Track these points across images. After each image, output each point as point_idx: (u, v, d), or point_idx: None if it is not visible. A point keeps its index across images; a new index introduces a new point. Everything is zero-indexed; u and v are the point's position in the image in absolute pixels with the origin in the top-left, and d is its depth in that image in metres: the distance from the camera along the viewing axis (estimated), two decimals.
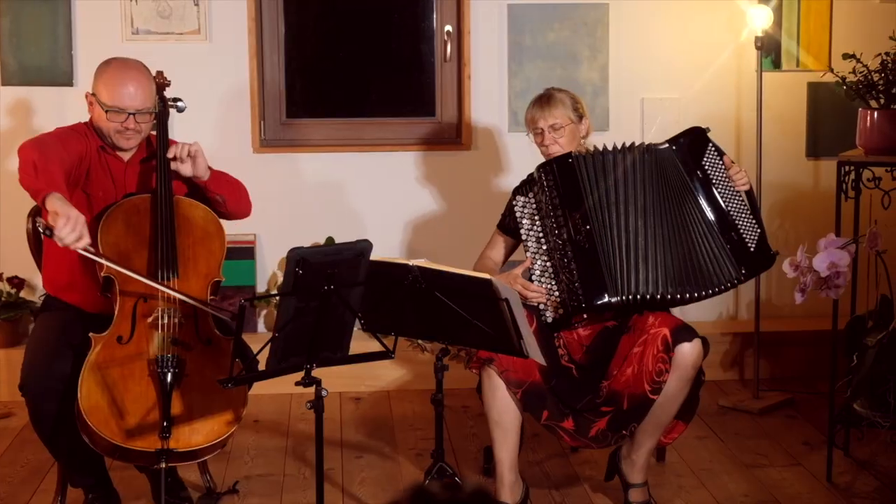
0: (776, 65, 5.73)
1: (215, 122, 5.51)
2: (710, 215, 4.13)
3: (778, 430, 5.00)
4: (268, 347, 3.44)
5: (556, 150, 4.22)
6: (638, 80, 5.76)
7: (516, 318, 3.47)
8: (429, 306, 3.60)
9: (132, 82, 3.96)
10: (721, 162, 4.17)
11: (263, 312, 5.73)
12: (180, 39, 5.51)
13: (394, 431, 5.06)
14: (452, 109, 5.78)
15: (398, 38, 5.89)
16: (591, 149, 4.23)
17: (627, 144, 4.17)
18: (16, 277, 5.48)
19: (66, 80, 5.48)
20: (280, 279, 5.70)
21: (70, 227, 3.51)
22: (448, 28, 5.71)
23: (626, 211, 4.11)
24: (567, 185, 4.11)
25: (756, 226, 4.15)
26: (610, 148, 4.17)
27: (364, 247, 3.41)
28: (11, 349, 5.46)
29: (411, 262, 3.58)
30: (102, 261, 3.76)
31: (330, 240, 5.61)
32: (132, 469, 4.30)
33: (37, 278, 5.51)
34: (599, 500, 4.31)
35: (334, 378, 4.34)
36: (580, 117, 4.29)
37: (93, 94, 4.02)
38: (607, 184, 4.12)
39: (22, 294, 5.53)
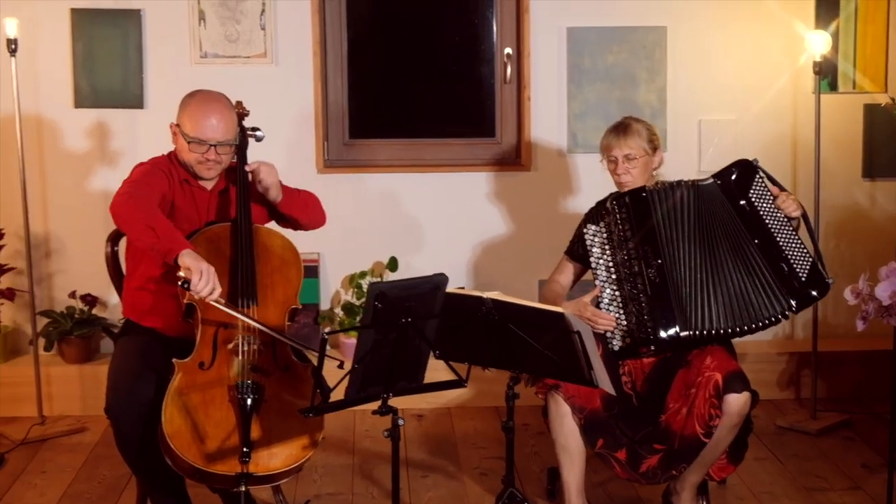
0: (833, 87, 5.79)
1: (281, 143, 5.63)
2: (760, 247, 4.19)
3: (836, 452, 5.06)
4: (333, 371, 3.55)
5: (628, 179, 4.31)
6: (695, 102, 5.83)
7: (587, 349, 3.57)
8: (501, 336, 3.70)
9: (215, 114, 4.08)
10: (768, 192, 4.23)
11: (326, 330, 5.85)
12: (247, 63, 5.63)
13: (457, 449, 5.16)
14: (512, 131, 5.88)
15: (459, 61, 5.99)
16: (661, 181, 4.31)
17: (688, 180, 4.26)
18: (89, 295, 5.63)
19: (137, 102, 5.62)
20: (343, 297, 5.82)
21: (205, 281, 3.69)
22: (508, 50, 5.81)
23: (691, 245, 4.20)
24: (640, 218, 4.21)
25: (808, 254, 4.20)
26: (676, 182, 4.26)
27: (440, 280, 3.51)
28: (84, 365, 5.61)
29: (485, 295, 3.68)
30: (233, 312, 3.88)
31: (393, 260, 5.72)
32: (203, 487, 4.41)
33: (108, 296, 5.68)
34: None
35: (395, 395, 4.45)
36: (654, 149, 4.36)
37: (177, 125, 4.14)
38: (676, 218, 4.21)
39: (94, 311, 5.66)
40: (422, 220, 5.86)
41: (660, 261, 4.18)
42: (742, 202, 4.22)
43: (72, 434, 5.31)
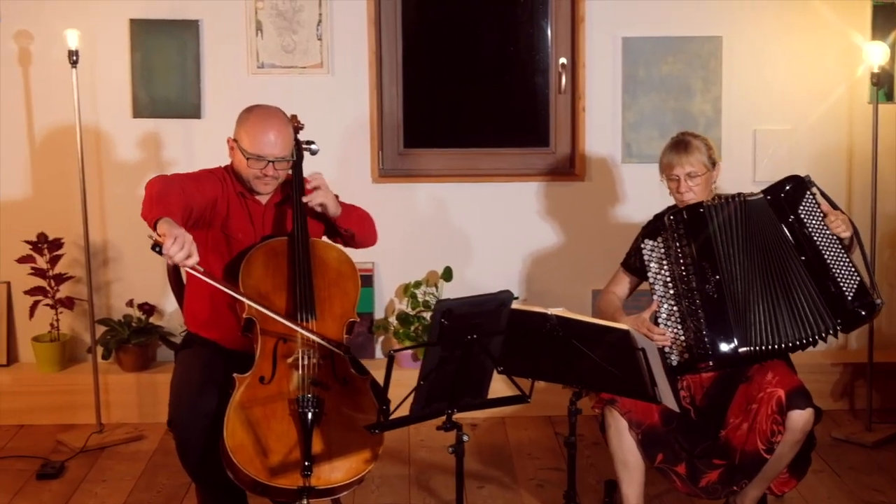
0: (889, 97, 5.75)
1: (336, 152, 5.66)
2: (806, 263, 4.17)
3: (893, 465, 5.04)
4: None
5: (690, 197, 4.31)
6: (751, 112, 5.81)
7: (651, 366, 3.57)
8: (565, 352, 3.70)
9: (273, 130, 4.11)
10: (819, 210, 4.21)
11: (381, 339, 5.88)
12: (303, 73, 5.66)
13: (512, 460, 5.17)
14: (566, 141, 5.88)
15: (513, 71, 5.99)
16: (718, 196, 4.31)
17: (742, 195, 4.26)
18: (146, 304, 5.68)
19: (194, 112, 5.66)
20: (397, 306, 5.84)
21: (178, 245, 3.64)
22: (563, 60, 5.81)
23: (746, 260, 4.19)
24: (697, 234, 4.21)
25: (856, 273, 4.16)
26: (735, 195, 4.26)
27: (506, 297, 3.52)
28: (141, 373, 5.66)
29: (549, 311, 3.69)
30: (209, 280, 3.89)
31: (448, 270, 5.73)
32: (265, 500, 4.44)
33: (165, 304, 5.73)
34: None
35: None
36: (713, 164, 4.36)
37: (234, 140, 4.17)
38: (732, 234, 4.20)
39: (151, 319, 5.71)
40: (475, 230, 5.87)
41: (718, 276, 4.18)
42: (791, 218, 4.21)
43: (130, 442, 5.36)
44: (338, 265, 4.20)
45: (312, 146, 4.38)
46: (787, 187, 4.24)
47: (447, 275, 5.73)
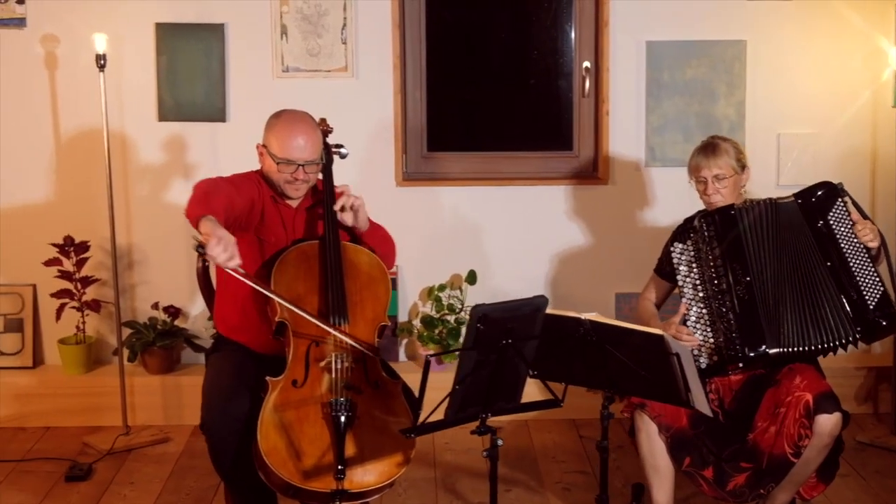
0: None
1: (360, 155, 5.66)
2: (831, 270, 4.18)
3: None
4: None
5: (718, 199, 4.32)
6: (775, 115, 5.82)
7: (685, 371, 3.58)
8: (598, 357, 3.71)
9: (301, 135, 4.13)
10: (848, 217, 4.22)
11: (404, 342, 5.89)
12: (328, 76, 5.68)
13: (537, 463, 5.18)
14: (590, 144, 5.89)
15: (537, 74, 6.01)
16: (749, 199, 4.32)
17: (773, 199, 4.27)
18: (171, 307, 5.70)
19: (219, 116, 5.67)
20: (420, 309, 5.85)
21: (222, 247, 3.66)
22: (587, 64, 5.82)
23: (777, 263, 4.20)
24: (728, 236, 4.22)
25: (880, 283, 4.17)
26: (766, 200, 4.27)
27: (541, 303, 3.53)
28: (166, 375, 5.67)
29: (583, 316, 3.70)
30: (250, 283, 3.91)
31: (472, 273, 5.74)
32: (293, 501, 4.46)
33: (190, 307, 5.75)
34: None
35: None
36: (742, 167, 4.37)
37: (263, 146, 4.19)
38: (763, 236, 4.22)
39: (176, 322, 5.73)
40: (498, 234, 5.88)
41: (748, 278, 4.19)
42: (820, 223, 4.21)
43: (156, 444, 5.38)
44: (369, 269, 4.22)
45: (342, 150, 4.40)
46: (819, 193, 4.25)
47: (471, 278, 5.75)
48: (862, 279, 4.16)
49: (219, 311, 4.36)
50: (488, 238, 5.88)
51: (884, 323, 4.15)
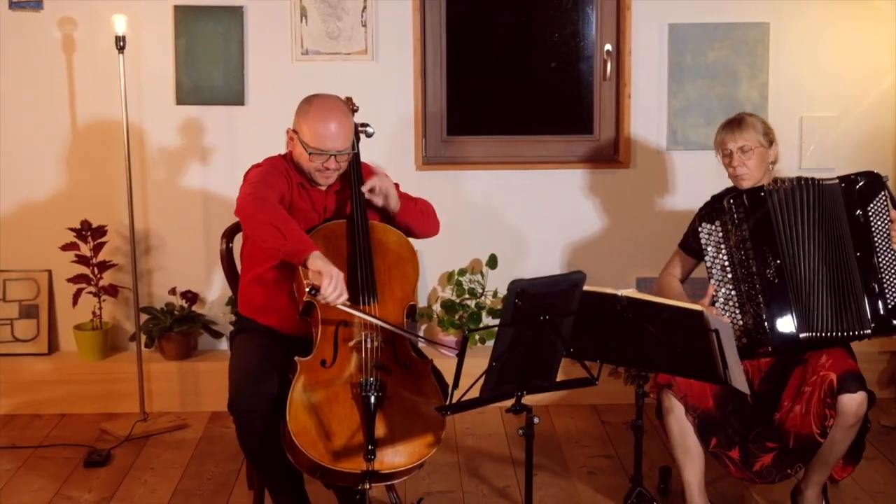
0: None
1: (380, 139, 5.58)
2: (859, 261, 4.12)
3: None
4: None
5: (744, 172, 4.25)
6: (797, 98, 5.76)
7: (724, 348, 3.52)
8: (634, 334, 3.66)
9: (334, 122, 4.04)
10: (887, 212, 4.15)
11: (424, 327, 5.83)
12: (348, 59, 5.62)
13: (561, 448, 5.12)
14: (611, 128, 5.83)
15: (558, 57, 5.95)
16: (779, 178, 4.26)
17: (810, 179, 4.19)
18: (189, 292, 5.64)
19: (238, 99, 5.61)
20: (440, 294, 5.79)
21: (333, 287, 3.70)
22: (608, 47, 5.76)
23: (809, 245, 4.14)
24: (758, 218, 4.16)
25: None
26: (794, 181, 4.19)
27: (579, 278, 3.47)
28: (183, 361, 5.62)
29: (620, 293, 3.64)
30: (359, 314, 3.88)
31: (493, 258, 5.69)
32: (317, 483, 4.39)
33: (207, 292, 5.70)
34: None
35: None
36: (770, 143, 4.30)
37: (294, 131, 4.11)
38: (795, 219, 4.15)
39: (194, 308, 5.67)
40: (518, 217, 5.83)
41: (779, 261, 4.13)
42: (858, 212, 4.14)
43: (174, 430, 5.32)
44: (397, 248, 4.16)
45: (368, 129, 4.34)
46: (862, 182, 4.17)
47: (492, 262, 5.69)
48: (886, 276, 4.10)
49: (244, 293, 4.29)
50: (508, 222, 5.82)
51: (895, 323, 4.11)
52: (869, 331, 4.11)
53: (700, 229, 4.31)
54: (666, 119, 5.76)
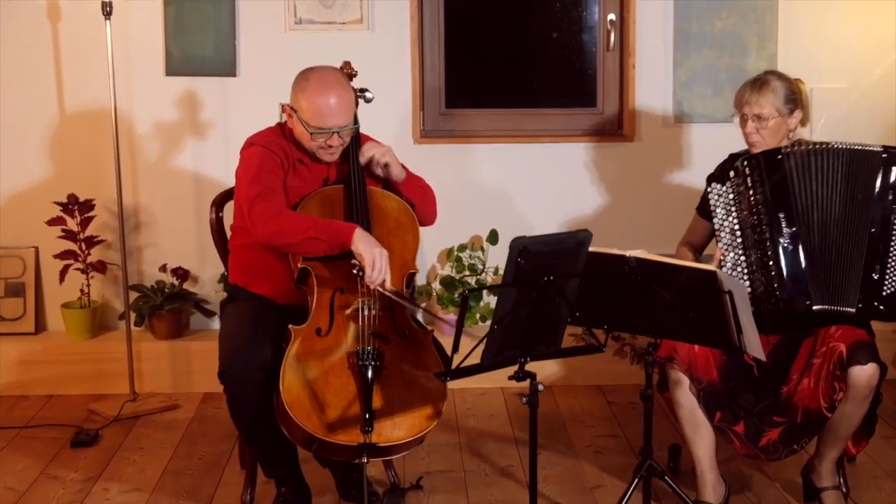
0: None
1: (377, 112, 5.40)
2: (870, 239, 3.91)
3: None
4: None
5: (757, 140, 4.05)
6: (807, 69, 5.50)
7: (738, 311, 3.34)
8: (641, 298, 3.48)
9: (334, 96, 3.85)
10: None
11: (423, 305, 5.65)
12: (342, 29, 5.44)
13: (566, 427, 4.96)
14: (615, 100, 5.66)
15: (560, 27, 5.76)
16: (801, 141, 4.06)
17: (839, 143, 3.97)
18: (180, 268, 5.46)
19: (229, 70, 5.43)
20: (439, 272, 5.63)
21: (378, 270, 3.62)
22: (611, 16, 5.59)
23: (827, 215, 3.93)
24: (774, 182, 3.94)
25: None
26: (819, 144, 3.98)
27: (584, 237, 3.29)
28: (174, 341, 5.44)
29: (628, 254, 3.47)
30: (402, 301, 3.76)
31: (493, 233, 5.52)
32: (313, 462, 4.24)
33: (200, 270, 5.54)
34: None
35: (494, 373, 4.23)
36: (791, 110, 4.09)
37: (292, 108, 3.92)
38: (814, 185, 3.94)
39: (185, 286, 5.50)
40: (520, 193, 5.65)
41: (794, 228, 3.93)
42: (889, 191, 3.91)
43: (164, 411, 5.15)
44: (397, 214, 3.99)
45: (367, 94, 4.18)
46: None
47: (493, 238, 5.52)
48: (892, 263, 3.90)
49: (235, 261, 4.12)
50: (509, 197, 5.65)
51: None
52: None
53: (709, 190, 4.10)
54: (672, 90, 5.59)
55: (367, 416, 3.57)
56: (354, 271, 3.63)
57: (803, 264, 3.92)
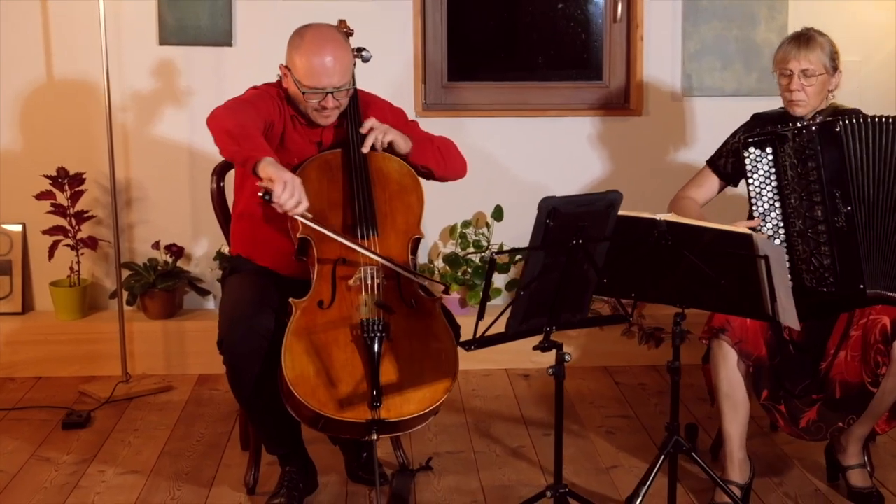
0: None
1: (377, 84, 5.21)
2: None
3: None
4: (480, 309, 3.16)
5: (801, 98, 3.87)
6: None
7: (774, 277, 3.17)
8: (670, 265, 3.30)
9: (329, 54, 3.67)
10: None
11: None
12: None
13: (575, 408, 4.80)
14: (621, 73, 5.50)
15: None
16: (848, 109, 3.87)
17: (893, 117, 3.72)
18: (174, 245, 5.27)
19: (225, 39, 5.25)
20: (442, 250, 5.45)
21: (289, 193, 3.32)
22: None
23: (884, 195, 3.71)
24: (830, 156, 3.72)
25: None
26: (873, 117, 3.73)
27: (614, 198, 3.13)
28: (168, 321, 5.26)
29: (658, 217, 3.29)
30: (321, 228, 3.51)
31: (498, 209, 5.35)
32: (325, 442, 4.07)
33: (194, 247, 5.38)
34: (821, 486, 4.02)
35: (498, 354, 4.09)
36: (835, 69, 3.93)
37: (287, 68, 3.75)
38: (873, 161, 3.71)
39: (179, 264, 5.30)
40: (524, 168, 5.49)
41: (849, 208, 3.71)
42: None
43: (158, 393, 4.97)
44: (399, 177, 3.80)
45: (364, 53, 4.02)
46: None
47: (498, 214, 5.35)
48: None
49: (236, 232, 3.94)
50: (513, 173, 5.48)
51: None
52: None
53: (746, 154, 3.86)
54: (680, 63, 5.43)
55: (374, 390, 3.40)
56: (260, 194, 3.34)
57: (859, 247, 3.71)
